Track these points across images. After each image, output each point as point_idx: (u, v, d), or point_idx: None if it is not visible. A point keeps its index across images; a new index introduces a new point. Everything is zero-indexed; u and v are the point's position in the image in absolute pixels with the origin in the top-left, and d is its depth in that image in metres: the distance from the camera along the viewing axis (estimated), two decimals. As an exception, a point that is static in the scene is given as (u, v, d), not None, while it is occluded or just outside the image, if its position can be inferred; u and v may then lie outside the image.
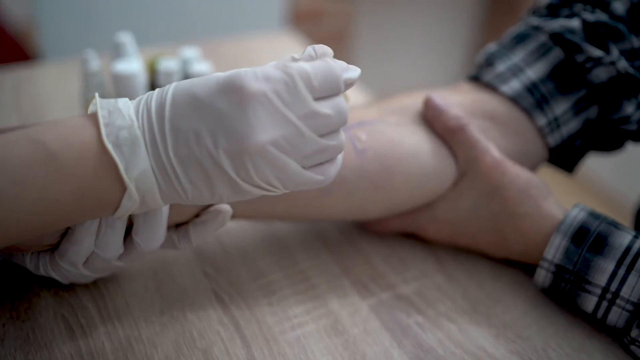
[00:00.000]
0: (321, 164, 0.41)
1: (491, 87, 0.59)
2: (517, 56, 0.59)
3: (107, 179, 0.38)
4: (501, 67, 0.59)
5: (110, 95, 0.70)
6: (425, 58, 2.67)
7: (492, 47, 0.62)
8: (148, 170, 0.38)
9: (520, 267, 0.57)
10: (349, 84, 0.41)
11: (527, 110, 0.57)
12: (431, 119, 0.55)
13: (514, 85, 0.58)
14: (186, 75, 0.72)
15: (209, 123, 0.37)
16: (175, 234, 0.48)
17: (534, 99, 0.57)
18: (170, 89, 0.39)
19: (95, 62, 0.69)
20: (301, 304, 0.52)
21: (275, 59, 0.41)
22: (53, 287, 0.51)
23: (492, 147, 0.54)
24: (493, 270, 0.57)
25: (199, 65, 0.70)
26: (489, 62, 0.61)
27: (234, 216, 0.50)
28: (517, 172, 0.53)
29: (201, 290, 0.52)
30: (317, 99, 0.39)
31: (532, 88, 0.57)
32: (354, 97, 0.87)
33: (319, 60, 0.40)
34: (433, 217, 0.56)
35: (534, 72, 0.58)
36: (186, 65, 0.73)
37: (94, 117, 0.39)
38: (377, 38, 2.47)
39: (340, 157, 0.43)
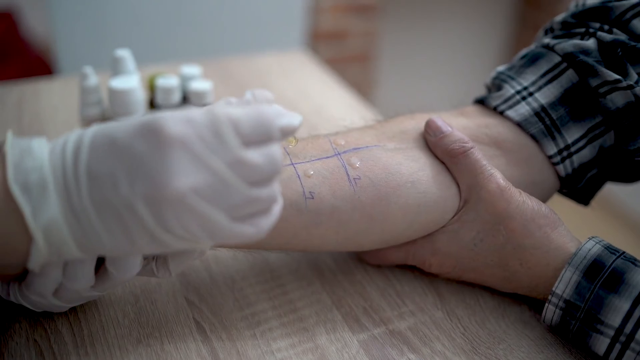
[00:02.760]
0: (253, 215, 0.39)
1: (498, 112, 0.55)
2: (527, 79, 0.55)
3: (15, 225, 0.35)
4: (509, 90, 0.55)
5: (108, 111, 0.68)
6: (449, 80, 2.64)
7: (501, 68, 0.59)
8: (58, 217, 0.35)
9: (527, 303, 0.53)
10: (287, 132, 0.39)
11: (535, 137, 0.54)
12: (432, 142, 0.52)
13: (521, 110, 0.54)
14: (185, 93, 0.70)
15: (126, 167, 0.35)
16: (153, 262, 0.45)
17: (543, 125, 0.54)
18: (90, 131, 0.36)
19: (93, 78, 0.67)
20: (287, 337, 0.49)
21: (286, 78, 0.39)
22: (30, 309, 0.49)
23: (497, 173, 0.50)
24: (497, 307, 0.53)
25: (199, 84, 0.68)
26: (498, 84, 0.57)
27: (215, 246, 0.47)
28: (524, 200, 0.50)
29: (182, 319, 0.50)
30: (248, 145, 0.37)
31: (541, 113, 0.54)
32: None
33: (252, 106, 0.38)
34: (434, 249, 0.53)
35: (544, 96, 0.54)
36: (185, 83, 0.71)
37: (4, 157, 0.36)
38: (401, 59, 2.46)
39: (277, 208, 0.40)
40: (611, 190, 2.10)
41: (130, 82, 0.65)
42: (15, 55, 1.73)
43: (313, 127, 0.82)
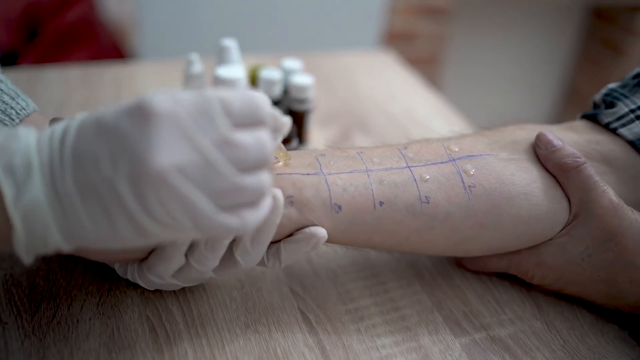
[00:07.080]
0: (240, 206, 0.36)
1: (610, 129, 0.55)
2: (642, 98, 0.55)
3: None
4: (623, 108, 0.55)
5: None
6: (514, 88, 2.62)
7: (613, 85, 0.58)
8: (41, 200, 0.34)
9: (625, 321, 0.53)
10: (279, 128, 0.38)
11: None
12: (544, 156, 0.52)
13: (635, 130, 0.54)
14: (287, 86, 0.72)
15: (110, 146, 0.33)
16: (265, 251, 0.46)
17: None
18: (78, 117, 0.35)
19: (198, 65, 0.69)
20: (390, 335, 0.50)
21: (372, 78, 0.39)
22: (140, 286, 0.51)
23: (610, 189, 0.50)
24: (596, 322, 0.53)
25: (301, 78, 0.69)
26: (610, 102, 0.57)
27: (328, 241, 0.48)
28: (636, 218, 0.49)
29: (287, 308, 0.51)
30: (238, 127, 0.35)
31: None
32: (449, 125, 0.85)
33: (242, 90, 0.37)
34: (540, 261, 0.53)
35: (660, 116, 0.54)
36: (288, 76, 0.72)
37: None
38: (469, 63, 2.44)
39: (266, 203, 0.38)
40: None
41: (237, 72, 0.66)
42: (88, 39, 1.76)
43: (404, 129, 0.83)
